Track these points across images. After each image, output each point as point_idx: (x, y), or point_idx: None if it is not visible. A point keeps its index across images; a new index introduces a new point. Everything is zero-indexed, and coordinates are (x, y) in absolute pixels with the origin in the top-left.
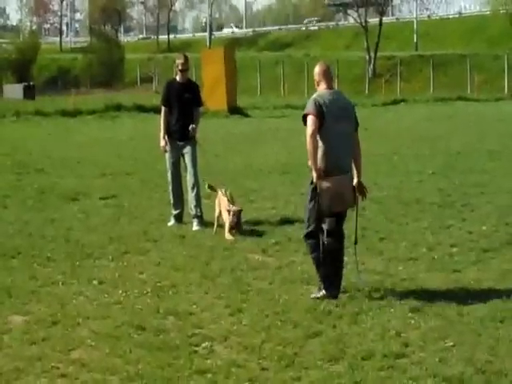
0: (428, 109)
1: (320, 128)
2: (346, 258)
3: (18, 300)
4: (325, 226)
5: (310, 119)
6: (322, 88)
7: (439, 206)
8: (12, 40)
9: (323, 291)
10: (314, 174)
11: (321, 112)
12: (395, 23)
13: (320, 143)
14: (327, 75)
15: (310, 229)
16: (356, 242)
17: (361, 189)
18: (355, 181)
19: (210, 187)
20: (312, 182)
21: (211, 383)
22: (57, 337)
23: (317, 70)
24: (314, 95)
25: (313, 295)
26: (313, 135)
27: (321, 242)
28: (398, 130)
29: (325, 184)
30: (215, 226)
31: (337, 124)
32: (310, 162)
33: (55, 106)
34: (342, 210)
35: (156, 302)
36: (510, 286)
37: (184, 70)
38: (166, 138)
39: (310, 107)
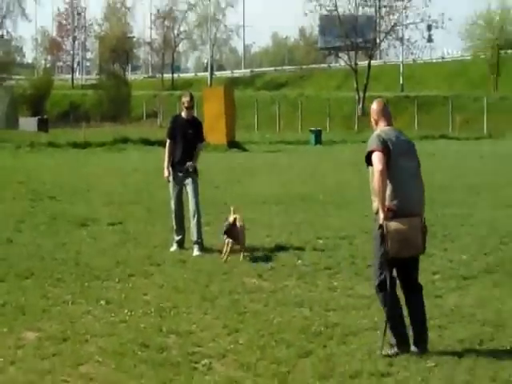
0: None
1: (386, 165)
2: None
3: (31, 317)
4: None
5: (377, 156)
6: (381, 126)
7: None
8: (28, 76)
9: (395, 348)
10: (381, 215)
11: (386, 147)
12: (383, 66)
13: (387, 181)
14: (386, 112)
15: (382, 277)
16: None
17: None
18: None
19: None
20: (380, 226)
21: None
22: (66, 352)
23: (374, 108)
24: (377, 131)
25: (384, 352)
26: (382, 172)
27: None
28: None
29: (393, 226)
30: (224, 251)
31: (403, 160)
32: (375, 203)
33: (67, 138)
34: (412, 256)
35: (159, 322)
36: (488, 311)
37: (189, 108)
38: (170, 168)
39: (373, 143)
